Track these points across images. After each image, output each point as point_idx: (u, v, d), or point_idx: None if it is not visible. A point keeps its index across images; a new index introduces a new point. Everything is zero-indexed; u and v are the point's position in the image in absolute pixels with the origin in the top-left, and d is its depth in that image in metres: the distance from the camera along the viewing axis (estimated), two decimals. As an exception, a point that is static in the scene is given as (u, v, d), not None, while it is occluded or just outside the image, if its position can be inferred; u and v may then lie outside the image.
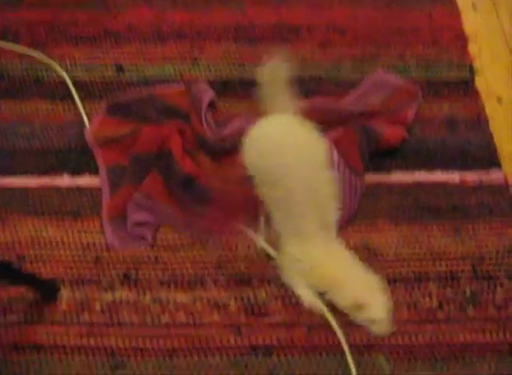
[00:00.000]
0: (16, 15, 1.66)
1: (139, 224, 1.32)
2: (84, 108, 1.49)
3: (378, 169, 1.40)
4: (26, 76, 1.55)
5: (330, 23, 1.65)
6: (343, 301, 1.18)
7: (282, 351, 1.18)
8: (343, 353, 1.18)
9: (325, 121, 1.41)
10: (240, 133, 1.33)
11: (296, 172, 1.23)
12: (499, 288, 1.26)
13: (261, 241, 1.28)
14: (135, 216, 1.32)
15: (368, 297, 1.17)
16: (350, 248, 1.28)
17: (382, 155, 1.41)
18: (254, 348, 1.18)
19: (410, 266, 1.28)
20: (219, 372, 1.16)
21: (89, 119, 1.46)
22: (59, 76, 1.54)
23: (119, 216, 1.32)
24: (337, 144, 1.36)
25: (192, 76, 1.54)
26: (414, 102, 1.46)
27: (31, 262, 1.28)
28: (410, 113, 1.44)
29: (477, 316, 1.22)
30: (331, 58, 1.58)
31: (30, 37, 1.62)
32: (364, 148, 1.37)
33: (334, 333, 1.19)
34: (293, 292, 1.23)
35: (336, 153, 1.33)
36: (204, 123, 1.41)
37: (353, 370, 1.16)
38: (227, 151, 1.37)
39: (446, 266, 1.28)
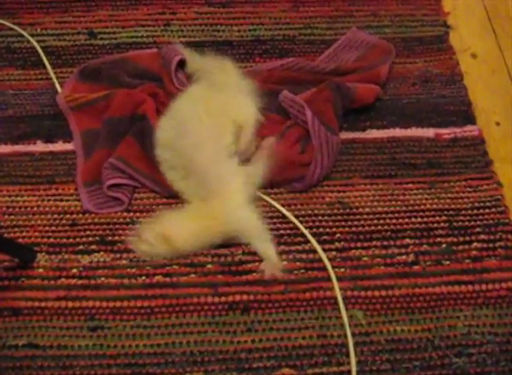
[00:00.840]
0: (-16, -17, 1.64)
1: (114, 188, 1.31)
2: (56, 74, 1.48)
3: (353, 126, 1.40)
4: (-5, 45, 1.54)
5: (303, -18, 1.64)
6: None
7: (260, 308, 1.19)
8: (320, 308, 1.18)
9: (298, 80, 1.42)
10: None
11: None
12: (474, 241, 1.27)
13: None
14: (110, 180, 1.31)
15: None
16: (326, 205, 1.29)
17: (357, 113, 1.41)
18: (232, 307, 1.19)
19: (385, 221, 1.28)
20: (197, 330, 1.16)
21: (61, 85, 1.45)
22: (30, 44, 1.53)
23: (94, 181, 1.31)
24: (311, 102, 1.35)
25: (165, 40, 1.53)
26: (388, 59, 1.46)
27: (7, 229, 1.28)
28: (384, 70, 1.43)
29: (453, 269, 1.23)
30: (304, 17, 1.57)
31: (0, 5, 1.60)
32: (339, 106, 1.36)
33: (313, 289, 1.20)
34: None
35: (309, 111, 1.32)
36: (176, 83, 1.40)
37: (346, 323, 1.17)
38: None
39: (422, 220, 1.29)
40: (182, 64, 1.45)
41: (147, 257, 1.24)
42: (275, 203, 1.30)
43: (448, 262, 1.24)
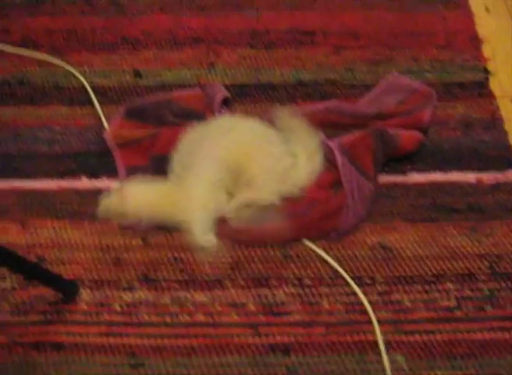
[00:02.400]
0: (35, 22, 1.70)
1: None
2: (103, 112, 1.51)
3: (394, 170, 1.41)
4: (45, 83, 1.59)
5: (344, 27, 1.67)
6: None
7: (301, 350, 1.19)
8: (361, 351, 1.18)
9: (340, 123, 1.44)
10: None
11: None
12: (517, 287, 1.26)
13: None
14: None
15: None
16: (367, 247, 1.30)
17: (399, 157, 1.42)
18: (273, 347, 1.19)
19: (427, 265, 1.28)
20: (238, 371, 1.16)
21: (107, 123, 1.48)
22: (78, 82, 1.57)
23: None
24: (352, 147, 1.36)
25: (208, 81, 1.56)
26: (430, 104, 1.47)
27: (51, 264, 1.29)
28: (427, 115, 1.44)
29: (495, 315, 1.22)
30: (345, 61, 1.60)
31: (50, 45, 1.65)
32: (379, 154, 1.37)
33: (353, 332, 1.20)
34: (310, 291, 1.24)
35: (339, 156, 1.34)
36: None
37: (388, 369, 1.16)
38: None
39: (464, 264, 1.28)
40: (225, 102, 1.48)
41: (103, 213, 1.29)
42: (314, 246, 1.30)
43: (490, 308, 1.23)
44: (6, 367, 1.19)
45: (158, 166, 1.37)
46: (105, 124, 1.48)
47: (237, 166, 1.31)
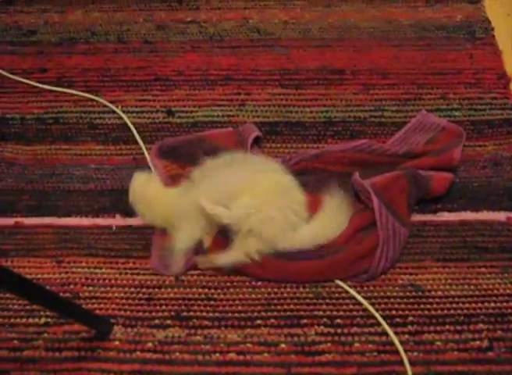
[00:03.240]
0: (70, 61, 1.74)
1: None
2: (135, 150, 1.55)
3: (424, 209, 1.41)
4: (80, 120, 1.63)
5: (373, 66, 1.69)
6: None
7: (333, 389, 1.19)
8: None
9: (369, 162, 1.45)
10: (288, 164, 1.45)
11: None
12: (550, 328, 1.25)
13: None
14: None
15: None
16: (398, 287, 1.30)
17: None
18: (306, 387, 1.19)
19: (458, 305, 1.28)
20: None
21: (139, 161, 1.53)
22: (112, 120, 1.61)
23: (168, 246, 1.36)
24: (385, 189, 1.36)
25: (239, 120, 1.58)
26: (460, 143, 1.48)
27: (85, 301, 1.32)
28: (457, 154, 1.44)
29: (528, 357, 1.21)
30: (374, 100, 1.61)
31: (84, 83, 1.70)
32: (413, 197, 1.38)
33: (385, 373, 1.20)
34: (341, 330, 1.25)
35: (376, 200, 1.33)
36: None
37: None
38: None
39: (496, 305, 1.27)
40: (258, 141, 1.51)
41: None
42: (345, 285, 1.31)
43: (523, 350, 1.22)
44: (40, 404, 1.21)
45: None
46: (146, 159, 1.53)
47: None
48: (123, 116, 1.61)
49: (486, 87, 1.64)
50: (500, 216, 1.40)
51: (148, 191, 1.41)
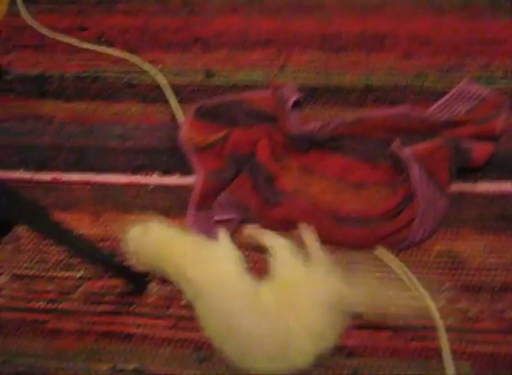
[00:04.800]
0: (110, 20, 1.73)
1: (221, 222, 1.35)
2: (173, 111, 1.55)
3: (463, 178, 1.39)
4: (119, 80, 1.63)
5: (414, 33, 1.66)
6: None
7: (365, 353, 1.20)
8: (426, 358, 1.18)
9: (410, 129, 1.43)
10: (327, 128, 1.42)
11: None
12: None
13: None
14: (219, 214, 1.36)
15: None
16: (435, 254, 1.29)
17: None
18: (337, 350, 1.20)
19: (495, 275, 1.27)
20: (302, 372, 1.18)
21: (180, 121, 1.52)
22: (151, 80, 1.61)
23: (205, 208, 1.37)
24: (427, 158, 1.35)
25: (279, 82, 1.57)
26: (502, 113, 1.45)
27: (122, 257, 1.32)
28: (499, 124, 1.41)
29: None
30: (416, 67, 1.59)
31: (124, 42, 1.69)
32: (454, 167, 1.36)
33: (419, 338, 1.20)
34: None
35: (416, 170, 1.32)
36: (291, 122, 1.44)
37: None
38: (316, 143, 1.43)
39: (533, 276, 1.27)
40: (297, 104, 1.50)
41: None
42: (383, 250, 1.31)
43: (559, 321, 1.22)
44: (76, 353, 1.23)
45: (233, 166, 1.40)
46: (180, 119, 1.52)
47: None
48: (157, 76, 1.61)
49: (531, 57, 1.61)
50: (541, 188, 1.39)
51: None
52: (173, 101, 1.56)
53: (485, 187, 1.39)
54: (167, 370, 1.20)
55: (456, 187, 1.38)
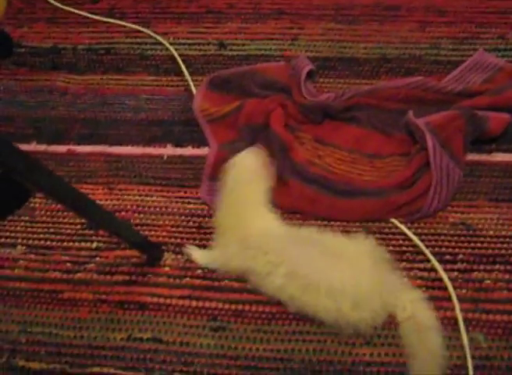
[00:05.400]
0: (122, -7, 1.73)
1: None
2: (186, 82, 1.54)
3: (478, 149, 1.39)
4: (131, 52, 1.63)
5: (429, 3, 1.64)
6: None
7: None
8: (442, 327, 1.18)
9: (425, 100, 1.42)
10: (341, 99, 1.42)
11: None
12: None
13: None
14: None
15: None
16: (449, 225, 1.29)
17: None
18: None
19: (509, 245, 1.27)
20: (317, 339, 1.19)
21: (194, 92, 1.52)
22: (163, 52, 1.61)
23: (218, 178, 1.36)
24: (442, 128, 1.34)
25: (292, 54, 1.56)
26: (517, 83, 1.44)
27: (136, 227, 1.34)
28: (514, 94, 1.41)
29: None
30: (431, 37, 1.57)
31: (136, 15, 1.69)
32: (469, 137, 1.35)
33: (433, 308, 1.20)
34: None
35: (430, 141, 1.31)
36: (305, 93, 1.43)
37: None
38: (330, 115, 1.43)
39: (548, 247, 1.27)
40: (311, 75, 1.49)
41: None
42: (396, 221, 1.31)
43: None
44: (92, 323, 1.24)
45: (247, 137, 1.40)
46: (193, 90, 1.52)
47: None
48: (170, 47, 1.60)
49: (547, 27, 1.59)
50: (556, 158, 1.38)
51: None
52: (186, 72, 1.55)
53: (500, 157, 1.38)
54: (182, 339, 1.21)
55: (472, 157, 1.38)
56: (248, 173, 1.29)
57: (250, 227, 1.25)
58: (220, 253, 1.26)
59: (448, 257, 1.25)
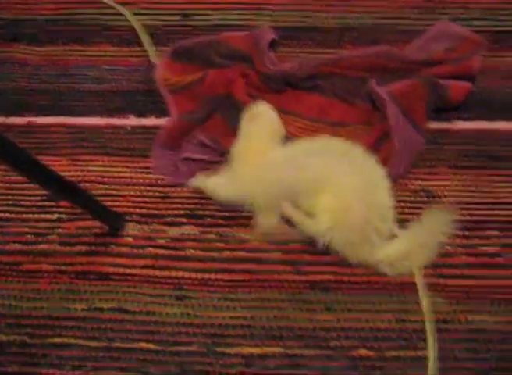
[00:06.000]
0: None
1: (189, 160, 1.35)
2: (150, 53, 1.53)
3: (440, 117, 1.40)
4: (93, 22, 1.60)
5: (394, -28, 1.64)
6: None
7: (340, 288, 1.21)
8: (400, 292, 1.20)
9: (388, 68, 1.42)
10: (305, 67, 1.41)
11: None
12: (561, 235, 1.25)
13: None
14: (189, 152, 1.35)
15: None
16: (410, 192, 1.30)
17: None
18: (313, 285, 1.21)
19: (469, 211, 1.28)
20: (278, 306, 1.19)
21: (155, 63, 1.50)
22: (125, 22, 1.59)
23: (172, 147, 1.36)
24: (404, 96, 1.35)
25: (255, 23, 1.55)
26: (479, 52, 1.45)
27: (99, 197, 1.31)
28: (476, 62, 1.42)
29: (537, 263, 1.23)
30: (394, 6, 1.58)
31: (98, -15, 1.66)
32: (431, 105, 1.37)
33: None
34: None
35: (393, 106, 1.32)
36: (267, 62, 1.43)
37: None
38: (292, 84, 1.42)
39: (507, 212, 1.28)
40: (273, 45, 1.48)
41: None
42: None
43: (533, 256, 1.23)
44: (52, 294, 1.23)
45: (207, 108, 1.39)
46: (154, 62, 1.50)
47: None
48: (130, 18, 1.59)
49: (509, -3, 1.60)
50: (516, 126, 1.40)
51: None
52: (148, 43, 1.53)
53: (461, 125, 1.40)
54: (147, 308, 1.21)
55: (433, 125, 1.39)
56: (268, 120, 1.32)
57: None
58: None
59: (409, 223, 1.27)
